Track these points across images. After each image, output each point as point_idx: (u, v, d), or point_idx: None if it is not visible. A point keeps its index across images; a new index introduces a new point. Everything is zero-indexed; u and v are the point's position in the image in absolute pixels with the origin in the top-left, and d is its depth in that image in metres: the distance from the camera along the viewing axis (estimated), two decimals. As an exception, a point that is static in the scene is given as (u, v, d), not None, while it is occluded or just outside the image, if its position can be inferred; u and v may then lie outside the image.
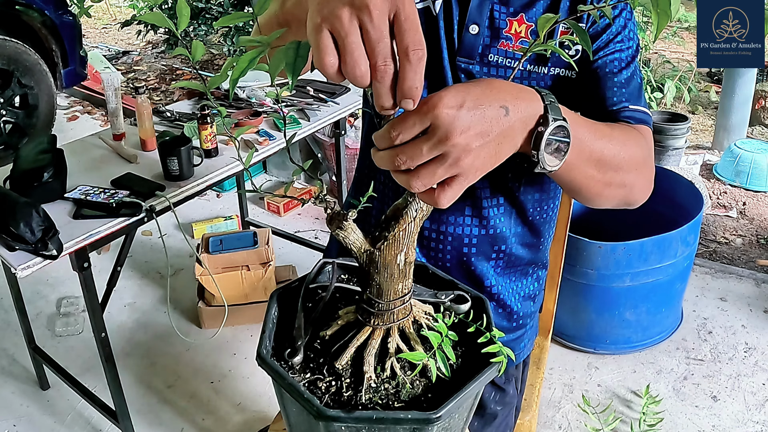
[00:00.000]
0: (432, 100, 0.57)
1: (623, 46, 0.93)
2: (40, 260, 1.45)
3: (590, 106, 0.93)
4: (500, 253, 1.04)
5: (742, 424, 2.01)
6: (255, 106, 2.24)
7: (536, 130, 0.66)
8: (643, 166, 0.85)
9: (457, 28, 0.94)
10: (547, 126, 0.65)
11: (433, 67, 0.95)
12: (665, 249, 2.12)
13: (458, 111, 0.57)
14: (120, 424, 1.82)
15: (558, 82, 0.94)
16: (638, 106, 0.92)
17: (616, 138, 0.80)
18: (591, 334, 2.29)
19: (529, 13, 0.93)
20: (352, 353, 0.68)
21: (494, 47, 0.93)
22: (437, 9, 0.94)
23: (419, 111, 0.56)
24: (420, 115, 0.56)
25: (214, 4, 4.69)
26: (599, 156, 0.77)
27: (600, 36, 0.93)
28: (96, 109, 4.64)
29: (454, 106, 0.57)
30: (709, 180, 3.54)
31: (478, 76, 0.94)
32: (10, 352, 2.32)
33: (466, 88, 0.59)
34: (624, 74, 0.92)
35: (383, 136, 0.58)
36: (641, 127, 0.90)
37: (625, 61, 0.93)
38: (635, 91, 0.93)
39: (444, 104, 0.57)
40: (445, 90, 0.58)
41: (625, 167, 0.81)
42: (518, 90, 0.64)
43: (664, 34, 5.18)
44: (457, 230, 1.01)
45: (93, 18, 6.44)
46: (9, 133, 3.58)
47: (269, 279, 2.37)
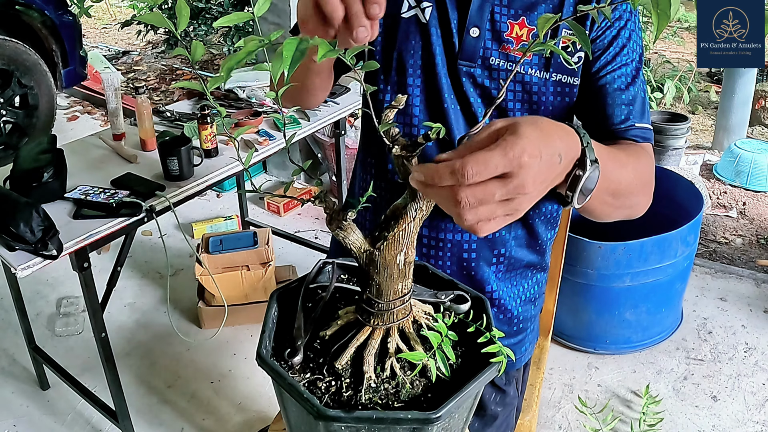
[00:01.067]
0: (517, 147, 0.55)
1: (628, 59, 0.94)
2: (40, 260, 1.45)
3: (596, 121, 0.94)
4: (500, 257, 1.04)
5: (742, 424, 2.01)
6: (255, 106, 2.24)
7: (574, 173, 0.67)
8: (648, 187, 0.89)
9: (456, 32, 0.94)
10: (585, 170, 0.66)
11: (428, 72, 0.96)
12: (665, 249, 2.12)
13: (537, 161, 0.57)
14: (120, 424, 1.82)
15: (560, 88, 0.94)
16: (643, 124, 0.93)
17: (630, 165, 0.83)
18: (591, 334, 2.29)
19: (531, 16, 0.92)
20: (352, 353, 0.68)
21: (495, 50, 0.93)
22: (427, 16, 0.95)
23: (503, 154, 0.55)
24: (504, 160, 0.55)
25: (214, 4, 4.69)
26: (616, 187, 0.80)
27: (607, 49, 0.93)
28: (96, 109, 4.64)
29: (535, 156, 0.56)
30: (709, 180, 3.54)
31: (480, 79, 0.94)
32: (10, 352, 2.32)
33: (539, 137, 0.58)
34: (631, 91, 0.93)
35: (449, 172, 0.55)
36: (646, 145, 0.93)
37: (630, 75, 0.94)
38: (640, 108, 0.94)
39: (528, 153, 0.55)
40: (525, 137, 0.56)
41: (635, 192, 0.85)
42: (565, 133, 0.64)
43: (664, 34, 5.18)
44: (456, 236, 1.01)
45: (93, 18, 6.44)
46: (9, 133, 3.58)
47: (269, 279, 2.37)
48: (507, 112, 0.95)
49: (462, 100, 0.96)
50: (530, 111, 0.95)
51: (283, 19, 3.03)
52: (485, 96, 0.96)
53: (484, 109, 0.96)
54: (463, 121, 0.97)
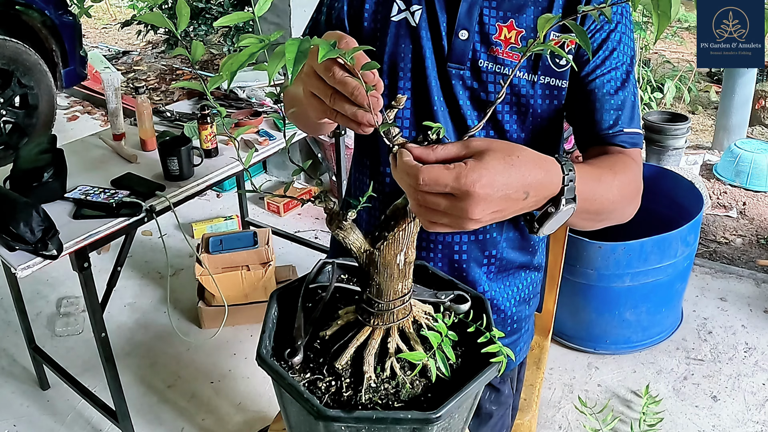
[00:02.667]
0: (472, 174, 0.60)
1: (618, 62, 0.93)
2: (40, 260, 1.45)
3: (585, 126, 0.94)
4: (492, 258, 1.04)
5: (742, 424, 2.01)
6: (255, 106, 2.24)
7: (546, 209, 0.69)
8: (634, 197, 0.89)
9: (446, 35, 0.94)
10: (558, 209, 0.68)
11: (418, 75, 0.96)
12: (665, 249, 2.12)
13: (488, 193, 0.60)
14: (120, 424, 1.82)
15: (548, 92, 0.94)
16: (632, 129, 0.93)
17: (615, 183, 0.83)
18: (591, 334, 2.29)
19: (519, 18, 0.92)
20: (352, 353, 0.68)
21: (484, 53, 0.93)
22: (417, 19, 0.95)
23: (456, 178, 0.59)
24: (454, 183, 0.59)
25: (214, 4, 4.69)
26: (597, 207, 0.81)
27: (596, 53, 0.92)
28: (96, 109, 4.64)
29: (489, 186, 0.60)
30: (709, 180, 3.54)
31: (469, 82, 0.95)
32: (10, 352, 2.32)
33: (504, 169, 0.61)
34: (620, 95, 0.93)
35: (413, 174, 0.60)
36: (633, 151, 0.93)
37: (620, 80, 0.93)
38: (629, 112, 0.93)
39: (481, 183, 0.60)
40: (486, 166, 0.60)
41: (619, 208, 0.86)
42: (544, 171, 0.66)
43: (664, 34, 5.18)
44: (447, 237, 1.01)
45: (93, 18, 6.44)
46: (9, 133, 3.58)
47: (269, 279, 2.37)
48: (496, 115, 0.96)
49: (451, 103, 0.96)
50: (518, 114, 0.95)
51: (283, 19, 3.03)
52: (474, 98, 0.96)
53: (473, 112, 0.96)
54: (451, 124, 0.97)
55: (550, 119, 0.96)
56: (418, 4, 0.95)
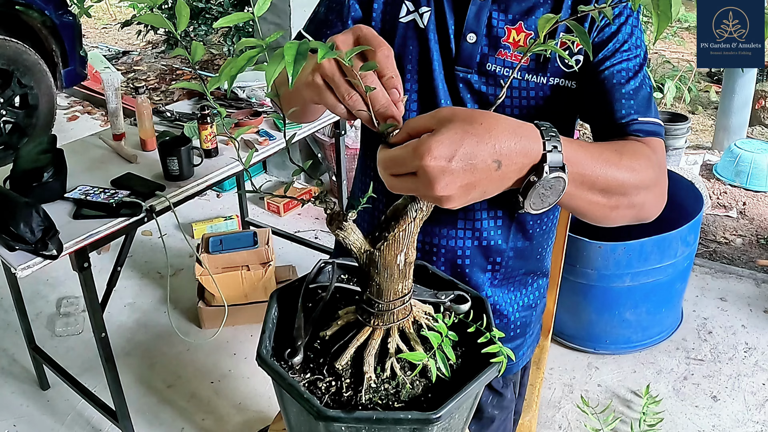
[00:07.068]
0: (422, 147, 0.58)
1: (630, 54, 0.90)
2: (40, 260, 1.45)
3: (598, 119, 0.91)
4: (496, 265, 1.03)
5: (742, 424, 2.01)
6: (255, 106, 2.24)
7: (528, 178, 0.64)
8: (654, 185, 0.82)
9: (453, 38, 0.93)
10: (540, 178, 0.64)
11: (425, 77, 0.95)
12: (665, 249, 2.12)
13: (446, 163, 0.58)
14: (120, 424, 1.82)
15: (557, 92, 0.93)
16: (648, 118, 0.88)
17: (623, 164, 0.77)
18: (591, 334, 2.29)
19: (528, 21, 0.91)
20: (352, 353, 0.68)
21: (492, 56, 0.92)
22: (425, 21, 0.94)
23: (410, 154, 0.58)
24: (409, 158, 0.58)
25: (214, 4, 4.68)
26: (604, 184, 0.74)
27: (606, 45, 0.90)
28: (96, 109, 4.64)
29: (442, 158, 0.57)
30: (709, 180, 3.54)
31: (477, 86, 0.94)
32: (10, 352, 2.32)
33: (461, 138, 0.59)
34: (632, 84, 0.89)
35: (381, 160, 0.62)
36: (651, 140, 0.86)
37: (632, 70, 0.90)
38: (644, 102, 0.89)
39: (432, 155, 0.57)
40: (438, 136, 0.58)
41: (634, 190, 0.78)
42: (518, 137, 0.62)
43: (664, 34, 5.18)
44: (450, 243, 1.00)
45: (93, 18, 6.44)
46: (9, 133, 3.58)
47: (269, 279, 2.37)
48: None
49: (458, 105, 0.95)
50: (527, 116, 0.93)
51: (283, 19, 3.03)
52: (481, 102, 0.95)
53: None
54: None
55: (561, 121, 0.94)
56: (427, 6, 0.94)
